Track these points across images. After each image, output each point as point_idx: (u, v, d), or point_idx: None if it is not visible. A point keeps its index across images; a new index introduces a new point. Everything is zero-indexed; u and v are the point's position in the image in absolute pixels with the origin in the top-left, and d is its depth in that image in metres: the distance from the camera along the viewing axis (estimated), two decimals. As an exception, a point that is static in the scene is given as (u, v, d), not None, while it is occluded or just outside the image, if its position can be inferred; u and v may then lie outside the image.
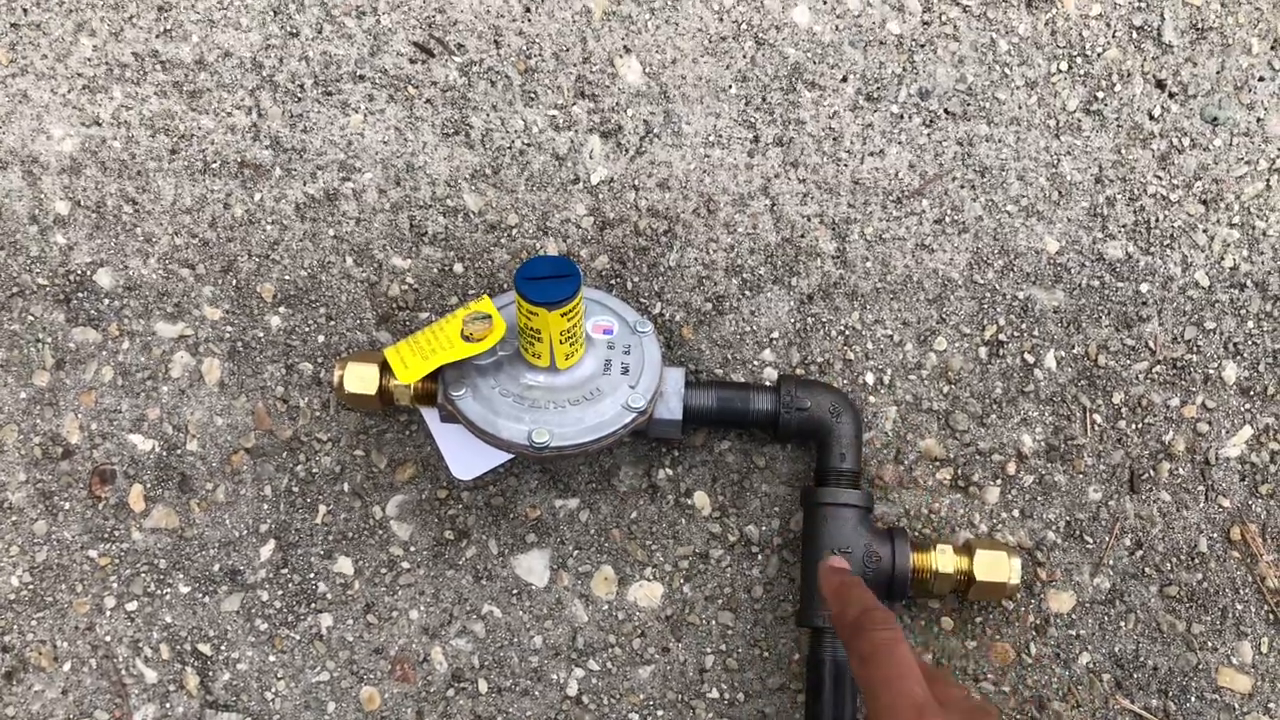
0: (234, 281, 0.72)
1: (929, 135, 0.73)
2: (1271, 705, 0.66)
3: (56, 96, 0.73)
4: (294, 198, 0.73)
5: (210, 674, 0.67)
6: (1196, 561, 0.68)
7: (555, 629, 0.68)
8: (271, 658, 0.68)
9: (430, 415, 0.69)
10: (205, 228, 0.73)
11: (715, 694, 0.67)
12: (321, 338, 0.72)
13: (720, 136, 0.73)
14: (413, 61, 0.73)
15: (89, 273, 0.72)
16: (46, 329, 0.71)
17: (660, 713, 0.67)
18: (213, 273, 0.72)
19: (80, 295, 0.71)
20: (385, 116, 0.73)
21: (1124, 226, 0.72)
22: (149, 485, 0.70)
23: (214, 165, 0.73)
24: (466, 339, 0.63)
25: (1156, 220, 0.72)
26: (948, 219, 0.72)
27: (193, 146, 0.73)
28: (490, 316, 0.64)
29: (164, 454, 0.70)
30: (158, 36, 0.73)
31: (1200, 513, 0.69)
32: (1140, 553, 0.68)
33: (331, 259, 0.72)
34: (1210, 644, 0.67)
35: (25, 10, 0.73)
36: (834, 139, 0.73)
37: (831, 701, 0.62)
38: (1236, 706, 0.66)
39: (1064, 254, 0.72)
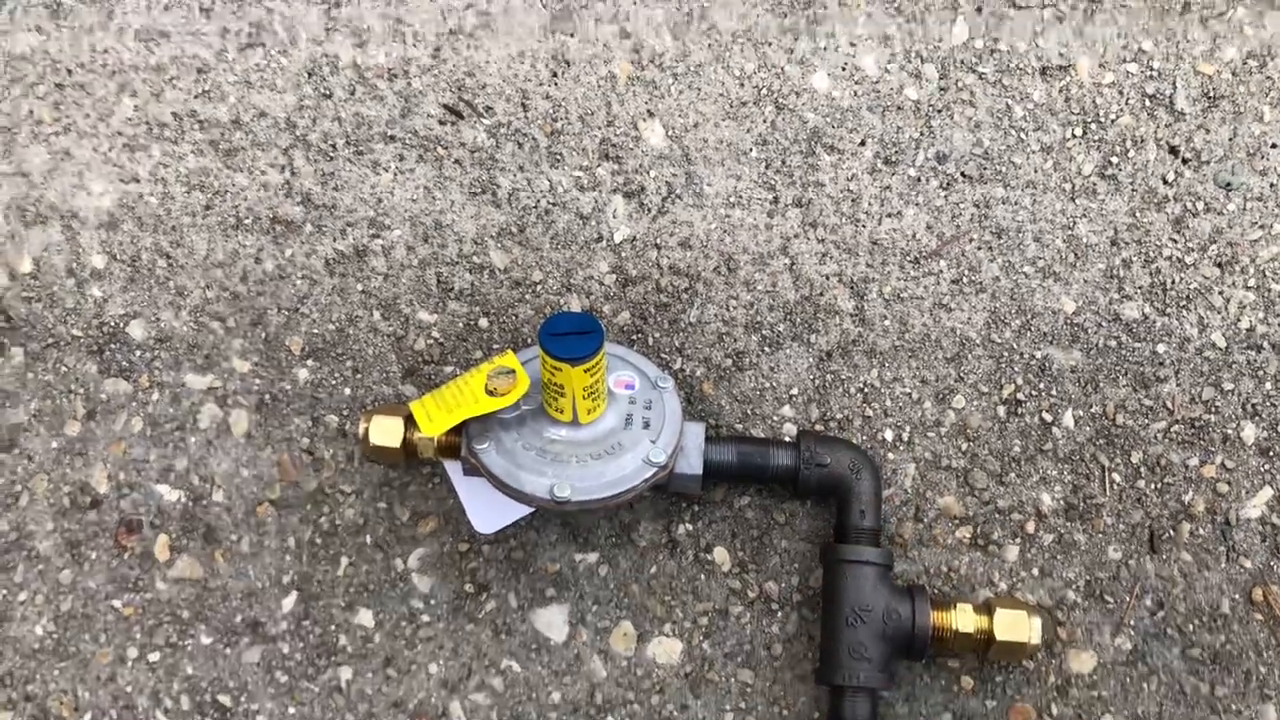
0: (263, 334, 0.74)
1: (946, 197, 0.74)
2: (1298, 771, 0.66)
3: (98, 155, 0.75)
4: (324, 253, 0.74)
5: (229, 725, 0.68)
6: (1219, 623, 0.68)
7: (574, 685, 0.68)
8: (291, 710, 0.68)
9: (453, 468, 0.70)
10: (236, 281, 0.74)
11: (734, 752, 0.67)
12: (348, 390, 0.73)
13: (741, 197, 0.74)
14: (442, 123, 0.75)
15: (122, 325, 0.73)
16: (79, 380, 0.72)
17: (679, 771, 0.67)
18: (243, 326, 0.74)
19: (113, 347, 0.73)
20: (415, 176, 0.75)
21: (1140, 288, 0.73)
22: (174, 535, 0.70)
23: (246, 221, 0.75)
24: (490, 393, 0.64)
25: (1172, 282, 0.73)
26: (965, 279, 0.73)
27: (226, 203, 0.75)
28: (514, 371, 0.65)
29: (190, 504, 0.71)
30: (196, 97, 0.76)
31: (1222, 574, 0.69)
32: (1162, 613, 0.68)
33: (359, 313, 0.74)
34: (1234, 707, 0.67)
35: (70, 70, 0.76)
36: (852, 200, 0.74)
37: (852, 761, 0.62)
38: (1262, 772, 0.66)
39: (1081, 314, 0.73)
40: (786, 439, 0.71)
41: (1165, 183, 0.74)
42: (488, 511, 0.69)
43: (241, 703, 0.68)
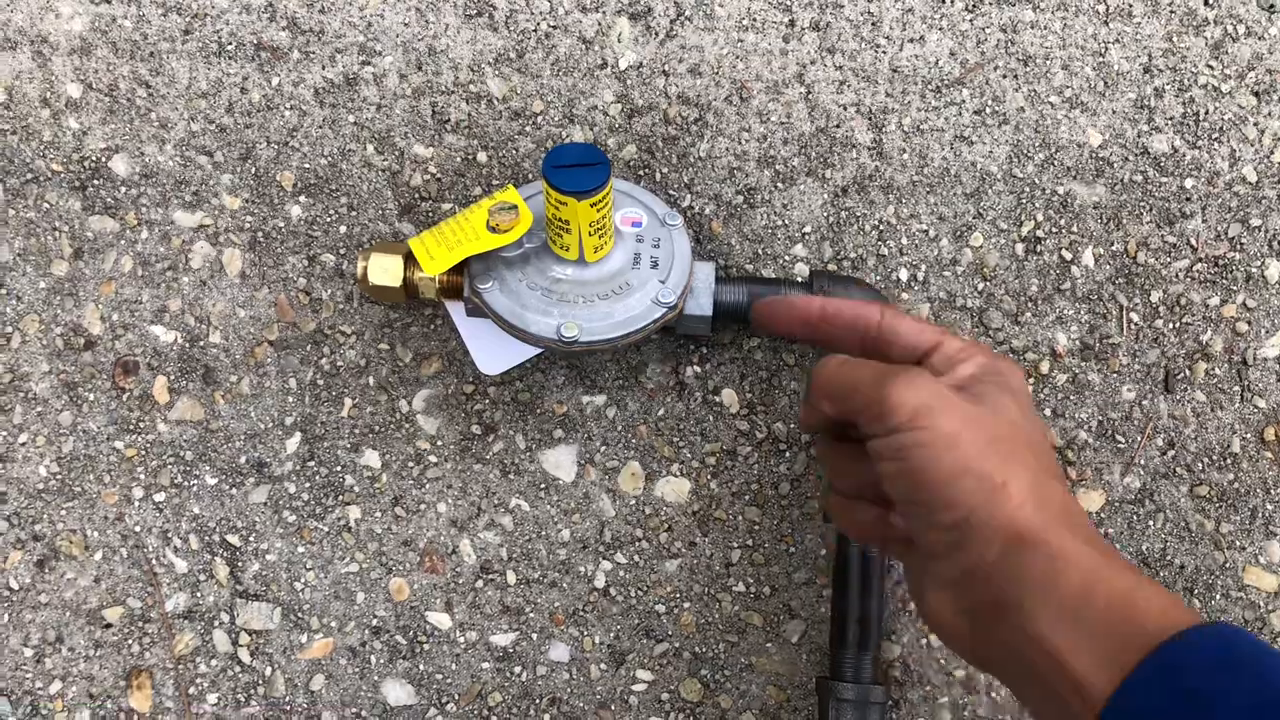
0: (253, 169, 0.70)
1: (971, 21, 0.70)
2: (1295, 604, 0.67)
3: (63, -27, 0.70)
4: (313, 82, 0.70)
5: (240, 564, 0.68)
6: (1229, 462, 0.68)
7: (583, 523, 0.68)
8: (300, 549, 0.68)
9: (455, 309, 0.68)
10: (222, 113, 0.70)
11: (741, 587, 0.68)
12: (343, 228, 0.70)
13: (754, 20, 0.70)
14: (433, -62, 0.70)
15: (104, 159, 0.70)
16: (63, 217, 0.69)
17: (687, 605, 0.67)
18: (231, 160, 0.70)
19: (96, 182, 0.70)
20: (405, -3, 0.70)
21: (1171, 119, 0.70)
22: (173, 377, 0.69)
23: (229, 47, 0.70)
24: (492, 230, 0.62)
25: (1206, 113, 0.70)
26: (988, 110, 0.70)
27: (206, 27, 0.70)
28: (516, 207, 0.62)
29: (187, 346, 0.69)
30: (166, -91, 0.70)
31: (1235, 413, 0.68)
32: (1172, 453, 0.68)
33: (352, 147, 0.70)
34: (1238, 543, 0.67)
35: (26, -120, 0.70)
36: (873, 24, 0.70)
37: (858, 596, 0.63)
38: (1261, 604, 0.67)
39: (1107, 148, 0.70)
40: (798, 279, 0.69)
41: (1206, 4, 0.70)
42: (492, 353, 0.68)
43: (250, 542, 0.68)
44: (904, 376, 0.48)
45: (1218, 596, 0.67)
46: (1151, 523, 0.67)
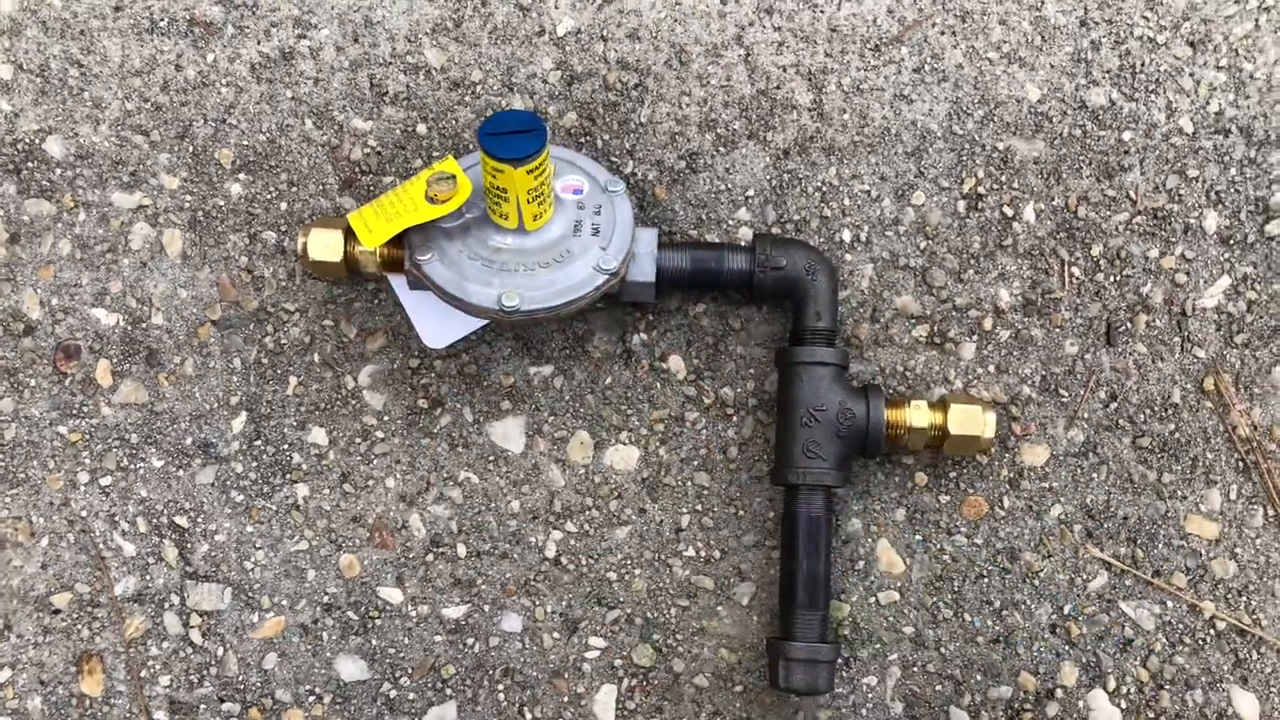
0: (190, 148, 0.70)
1: (909, -20, 0.70)
2: (1237, 550, 0.67)
3: (-13, -48, 0.69)
4: (248, 57, 0.70)
5: (189, 545, 0.68)
6: (1170, 412, 0.68)
7: (532, 493, 0.68)
8: (249, 528, 0.68)
9: (398, 283, 0.67)
10: (157, 91, 0.70)
11: (691, 552, 0.68)
12: (284, 205, 0.69)
13: (691, -16, 0.69)
14: (364, -92, 0.69)
15: (38, 141, 0.69)
16: (-3, 201, 0.69)
17: (638, 571, 0.68)
18: (168, 139, 0.70)
19: (30, 165, 0.69)
20: (338, -32, 0.69)
21: (1108, 72, 0.70)
22: (115, 360, 0.68)
23: (162, 23, 0.69)
24: (431, 201, 0.61)
25: (1142, 64, 0.70)
26: (927, 68, 0.70)
27: (138, 4, 0.69)
28: (455, 177, 0.62)
29: (129, 328, 0.69)
30: (91, -115, 0.69)
31: (1175, 364, 0.69)
32: (1115, 405, 0.68)
33: (290, 122, 0.70)
34: (1180, 493, 0.68)
35: None
36: (809, -15, 0.70)
37: (806, 556, 0.63)
38: (1203, 552, 0.68)
39: (1045, 102, 0.70)
40: (742, 243, 0.69)
41: (1140, -42, 0.70)
42: (437, 326, 0.67)
43: (199, 523, 0.68)
44: None
45: (1160, 546, 0.67)
46: (1095, 475, 0.68)
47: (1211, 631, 0.67)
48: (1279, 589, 0.67)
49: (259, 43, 0.70)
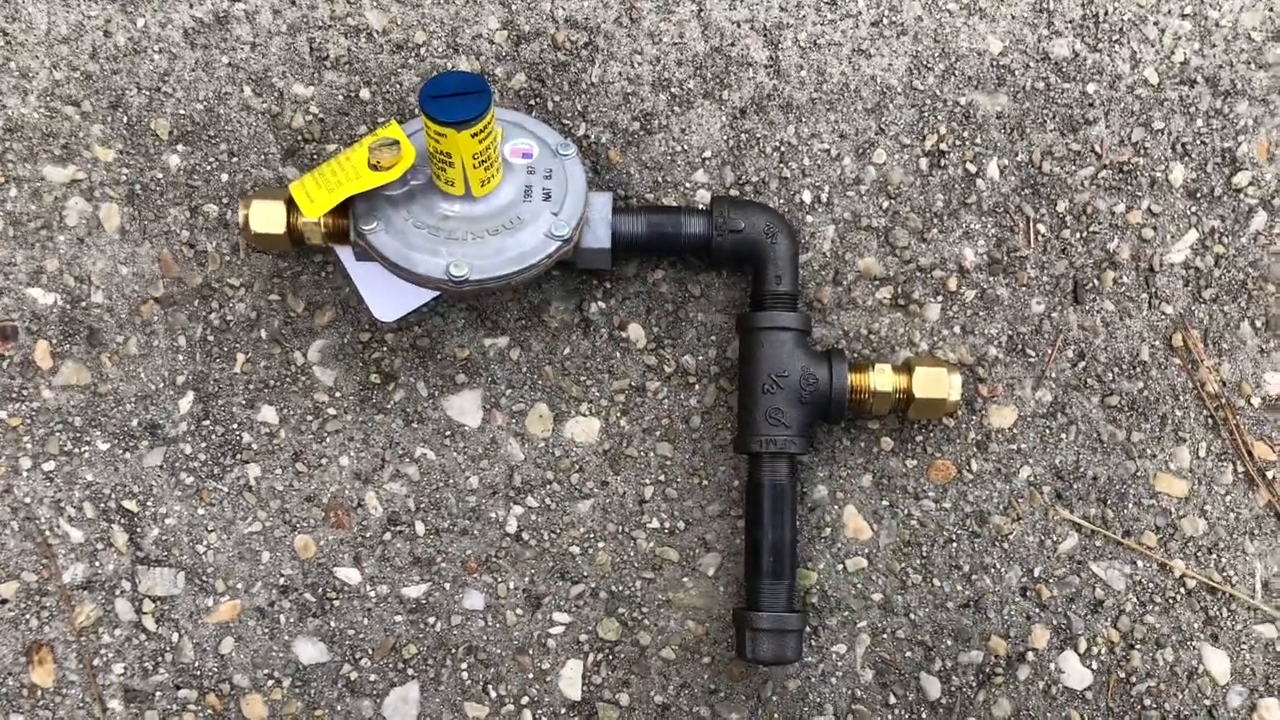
0: (125, 118, 0.67)
1: (866, -70, 0.67)
2: (1207, 508, 0.67)
3: (-100, -85, 0.65)
4: (181, 22, 0.67)
5: (139, 530, 0.66)
6: (1138, 370, 0.67)
7: (491, 468, 0.66)
8: (200, 511, 0.66)
9: (345, 254, 0.65)
10: (86, 59, 0.67)
11: (655, 524, 0.66)
12: (225, 176, 0.67)
13: (641, -62, 0.67)
14: None
15: (-38, 115, 0.66)
16: (-78, 178, 0.66)
17: (601, 544, 0.66)
18: (100, 109, 0.67)
19: (-44, 140, 0.66)
20: (272, -73, 0.66)
21: (1071, 22, 0.68)
22: (55, 341, 0.66)
23: (87, -11, 0.66)
24: (374, 168, 0.59)
25: (1105, 13, 0.68)
26: (885, 20, 0.68)
27: (61, -32, 0.66)
28: (398, 143, 0.59)
29: (68, 307, 0.66)
30: None
31: (1143, 321, 0.67)
32: (1082, 364, 0.67)
33: (228, 89, 0.67)
34: (1149, 451, 0.67)
35: None
36: (764, -63, 0.67)
37: (771, 525, 0.62)
38: (1173, 510, 0.67)
39: (1007, 55, 0.68)
40: (699, 206, 0.67)
41: (1103, -97, 0.68)
42: (387, 298, 0.65)
43: (148, 507, 0.66)
44: None
45: (1130, 506, 0.67)
46: (1064, 435, 0.67)
47: (1182, 590, 0.66)
48: (1249, 546, 0.67)
49: (191, 6, 0.67)
